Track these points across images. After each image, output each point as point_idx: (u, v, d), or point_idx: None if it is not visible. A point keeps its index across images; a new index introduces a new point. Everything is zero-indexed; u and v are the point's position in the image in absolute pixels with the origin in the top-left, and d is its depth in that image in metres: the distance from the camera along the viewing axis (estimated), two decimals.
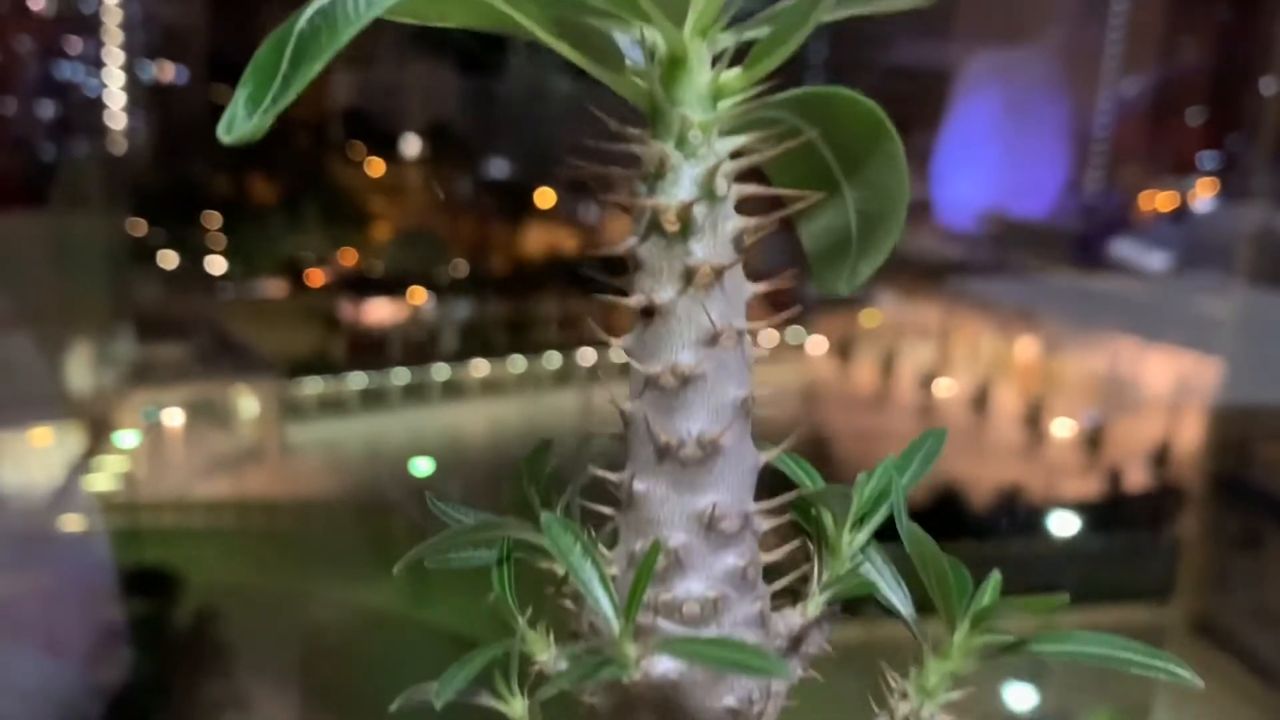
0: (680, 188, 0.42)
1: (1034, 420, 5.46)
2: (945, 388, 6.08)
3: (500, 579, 0.49)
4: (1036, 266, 4.93)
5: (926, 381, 6.30)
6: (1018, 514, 4.71)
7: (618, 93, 0.43)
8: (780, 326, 0.58)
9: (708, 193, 0.42)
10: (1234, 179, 4.45)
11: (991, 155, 4.78)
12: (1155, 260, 5.07)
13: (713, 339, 0.44)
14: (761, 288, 0.45)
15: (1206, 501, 3.77)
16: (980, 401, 5.71)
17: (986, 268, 4.97)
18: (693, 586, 0.45)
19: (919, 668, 0.49)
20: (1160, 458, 4.85)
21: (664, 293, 0.43)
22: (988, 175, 4.85)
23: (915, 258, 4.92)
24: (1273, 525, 3.56)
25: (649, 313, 0.43)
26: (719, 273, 0.43)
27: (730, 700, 0.46)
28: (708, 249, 0.43)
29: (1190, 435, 4.69)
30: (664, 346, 0.44)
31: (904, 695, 0.49)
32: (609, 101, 0.47)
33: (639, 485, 0.44)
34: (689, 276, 0.43)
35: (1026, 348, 5.91)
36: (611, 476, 0.45)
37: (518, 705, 0.49)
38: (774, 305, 0.57)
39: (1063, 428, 5.41)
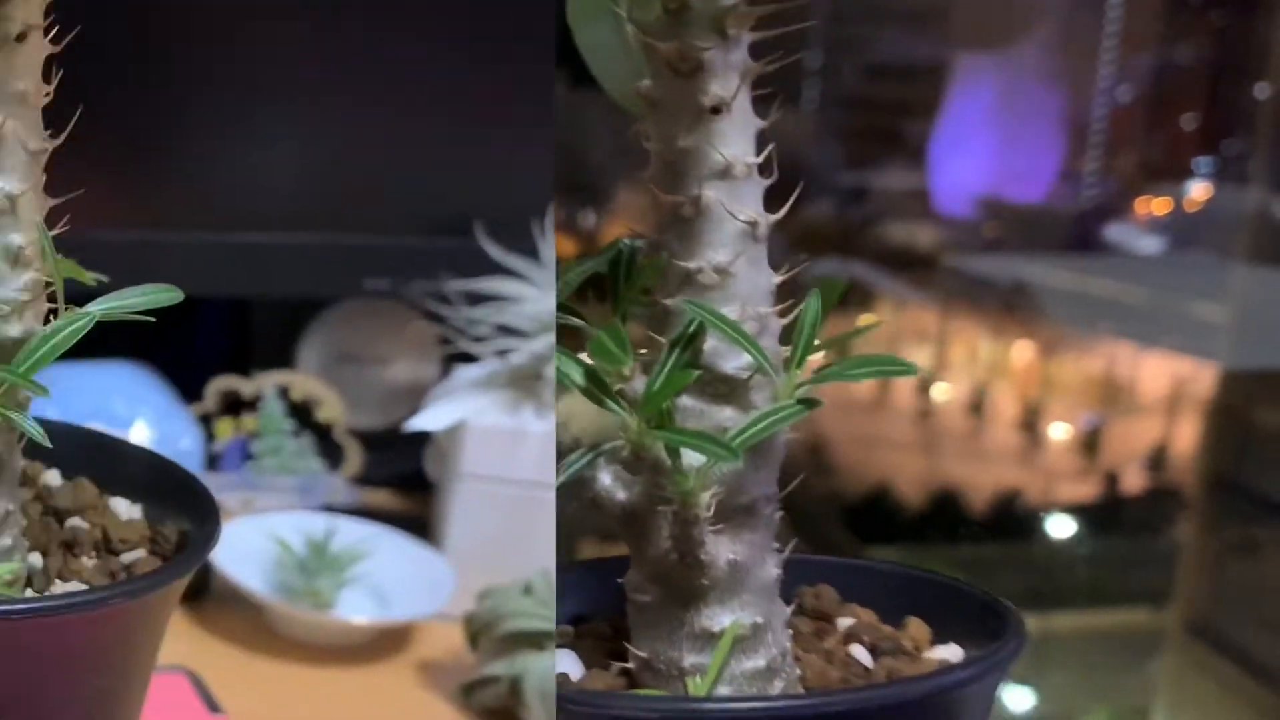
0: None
1: (1031, 425, 5.48)
2: (943, 391, 6.11)
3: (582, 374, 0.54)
4: (1031, 250, 4.96)
5: (924, 386, 6.31)
6: (1015, 517, 4.71)
7: None
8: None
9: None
10: (1230, 171, 4.47)
11: (988, 144, 4.81)
12: (1149, 245, 5.11)
13: (762, 132, 0.53)
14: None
15: (1204, 504, 3.78)
16: (977, 406, 5.75)
17: (982, 250, 5.01)
18: (767, 344, 0.53)
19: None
20: (1157, 459, 4.87)
21: (729, 91, 0.51)
22: (983, 163, 4.87)
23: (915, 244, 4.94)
24: (1271, 528, 3.57)
25: (717, 109, 0.52)
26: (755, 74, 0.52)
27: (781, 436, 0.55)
28: (745, 55, 0.51)
29: (1187, 435, 4.70)
30: (730, 139, 0.52)
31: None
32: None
33: (737, 265, 0.53)
34: (744, 74, 0.51)
35: (1023, 349, 5.93)
36: (690, 264, 0.53)
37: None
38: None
39: (1060, 430, 5.43)
